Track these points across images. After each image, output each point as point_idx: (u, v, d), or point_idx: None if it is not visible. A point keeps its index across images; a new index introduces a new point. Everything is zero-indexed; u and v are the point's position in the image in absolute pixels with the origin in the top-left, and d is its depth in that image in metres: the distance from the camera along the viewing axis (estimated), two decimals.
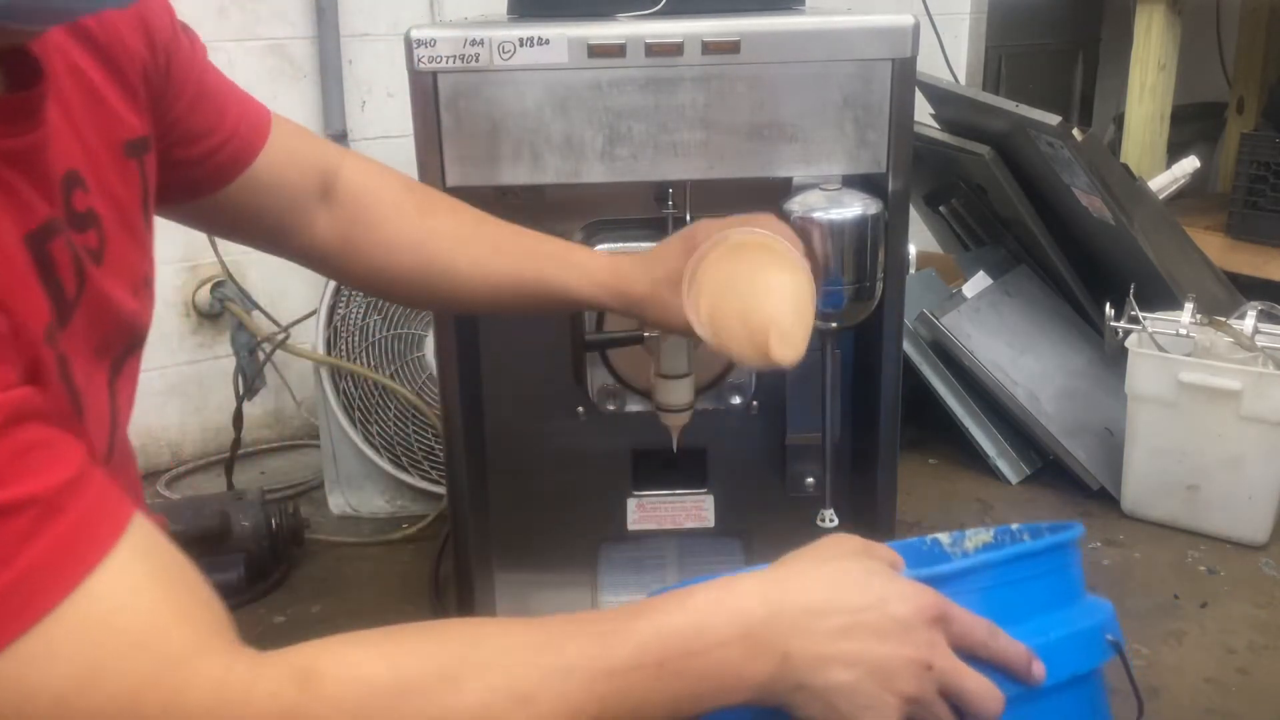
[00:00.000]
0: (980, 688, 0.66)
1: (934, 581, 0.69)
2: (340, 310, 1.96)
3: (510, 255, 1.04)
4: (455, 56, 1.20)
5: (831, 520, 1.30)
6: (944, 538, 0.90)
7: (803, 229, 1.17)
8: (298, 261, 1.06)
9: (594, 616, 0.63)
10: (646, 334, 1.19)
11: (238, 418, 2.05)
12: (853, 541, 0.73)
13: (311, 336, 1.99)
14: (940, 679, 0.65)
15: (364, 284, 1.11)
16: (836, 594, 0.65)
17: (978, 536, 0.88)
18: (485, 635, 0.61)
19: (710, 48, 1.21)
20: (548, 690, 0.58)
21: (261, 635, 1.67)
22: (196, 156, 0.88)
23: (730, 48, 1.21)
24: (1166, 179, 2.31)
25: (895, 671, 0.64)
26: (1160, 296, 1.99)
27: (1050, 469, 2.13)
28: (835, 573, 0.67)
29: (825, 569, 0.68)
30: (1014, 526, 0.86)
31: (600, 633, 0.61)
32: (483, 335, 1.38)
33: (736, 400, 1.29)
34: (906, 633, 0.64)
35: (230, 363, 2.15)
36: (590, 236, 1.26)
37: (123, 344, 0.77)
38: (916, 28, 1.24)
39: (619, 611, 0.64)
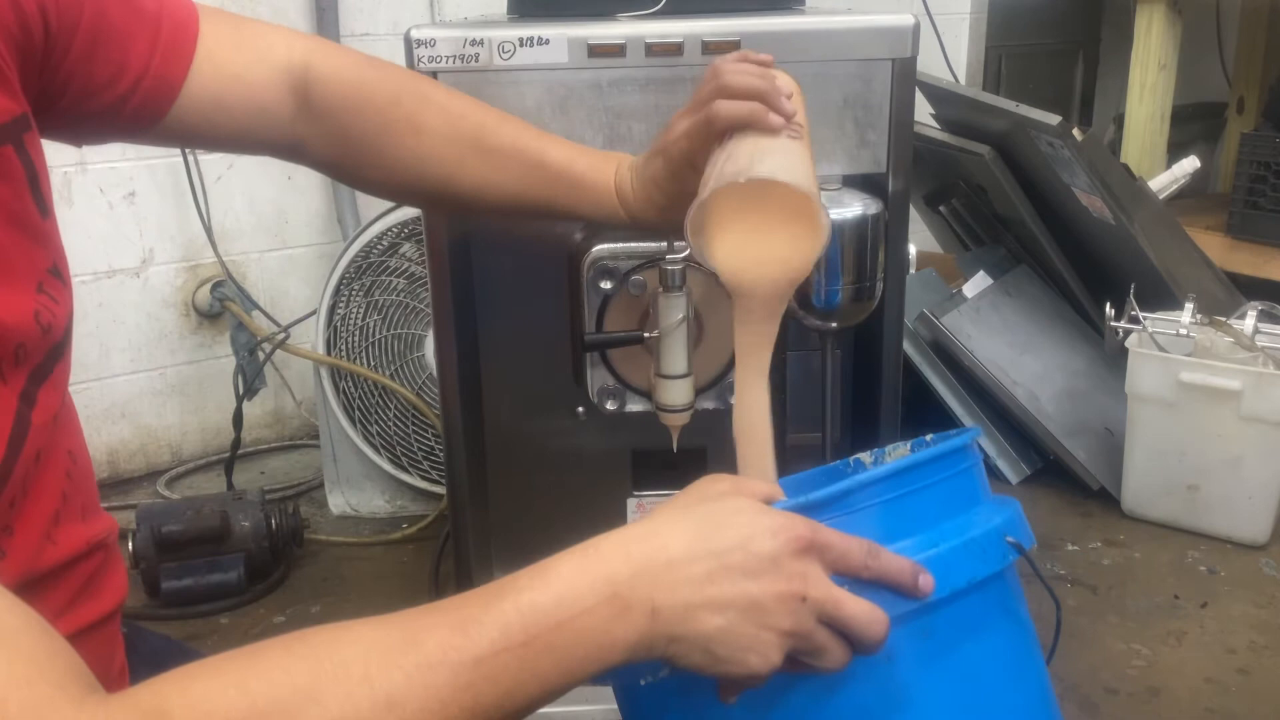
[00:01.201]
0: (860, 611, 0.64)
1: (811, 509, 0.68)
2: (340, 310, 1.96)
3: (515, 177, 0.96)
4: (455, 56, 1.20)
5: None
6: (866, 456, 0.90)
7: None
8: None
9: (456, 603, 0.60)
10: (646, 334, 1.19)
11: (238, 418, 2.05)
12: (723, 482, 0.70)
13: (311, 336, 2.00)
14: (817, 609, 0.63)
15: (368, 192, 1.06)
16: (699, 539, 0.63)
17: (896, 450, 0.88)
18: (342, 641, 0.58)
19: (710, 48, 1.21)
20: (414, 690, 0.56)
21: (261, 635, 1.67)
22: (111, 103, 0.81)
23: (730, 48, 1.21)
24: (1166, 179, 2.32)
25: (768, 608, 0.62)
26: (1160, 296, 1.99)
27: (1050, 469, 2.13)
28: (699, 517, 0.65)
29: (689, 515, 0.65)
30: (928, 437, 0.86)
31: (461, 621, 0.59)
32: (482, 335, 1.38)
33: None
34: (775, 567, 0.63)
35: (230, 363, 2.15)
36: (590, 236, 1.26)
37: (40, 352, 0.71)
38: (916, 28, 1.24)
39: (482, 593, 0.61)
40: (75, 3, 0.75)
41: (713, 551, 0.63)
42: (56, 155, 2.04)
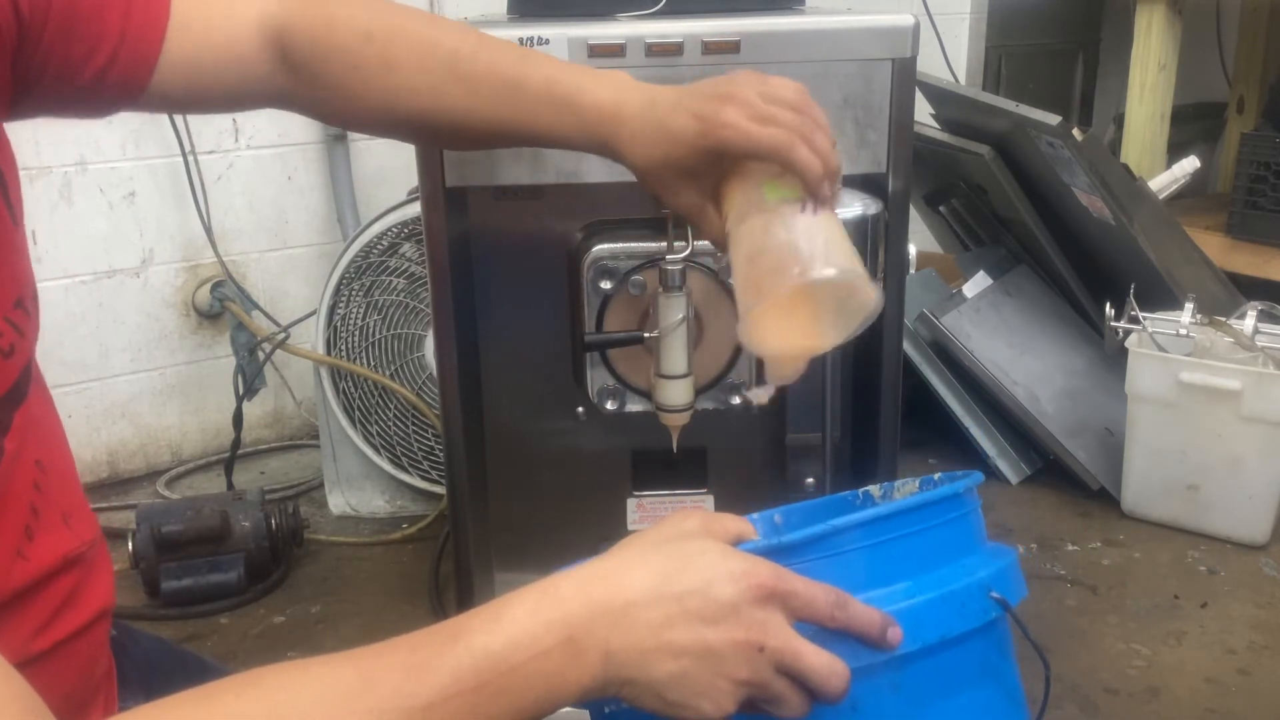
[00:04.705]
0: (820, 664, 0.62)
1: (783, 551, 0.66)
2: (340, 310, 1.96)
3: (493, 102, 0.91)
4: None
5: None
6: (875, 490, 0.87)
7: None
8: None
9: (410, 644, 0.60)
10: (646, 334, 1.19)
11: (238, 418, 2.05)
12: (692, 519, 0.69)
13: (311, 336, 1.99)
14: (775, 658, 0.62)
15: (358, 131, 1.03)
16: (659, 582, 0.62)
17: (906, 487, 0.85)
18: (295, 685, 0.57)
19: (710, 48, 1.21)
20: None
21: (261, 635, 1.67)
22: (91, 77, 0.79)
23: (730, 48, 1.21)
24: (1166, 179, 2.31)
25: (724, 656, 0.61)
26: (1160, 296, 1.99)
27: (1050, 469, 2.13)
28: (662, 558, 0.64)
29: (651, 556, 0.64)
30: (936, 476, 0.83)
31: (414, 664, 0.58)
32: (482, 335, 1.38)
33: (736, 400, 1.29)
34: (735, 614, 0.61)
35: (230, 363, 2.15)
36: (590, 236, 1.26)
37: (10, 375, 0.69)
38: (916, 28, 1.24)
39: (437, 633, 0.60)
40: None
41: (671, 595, 0.61)
42: (56, 155, 2.04)
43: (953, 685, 0.70)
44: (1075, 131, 1.89)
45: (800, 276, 0.79)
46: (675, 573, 0.62)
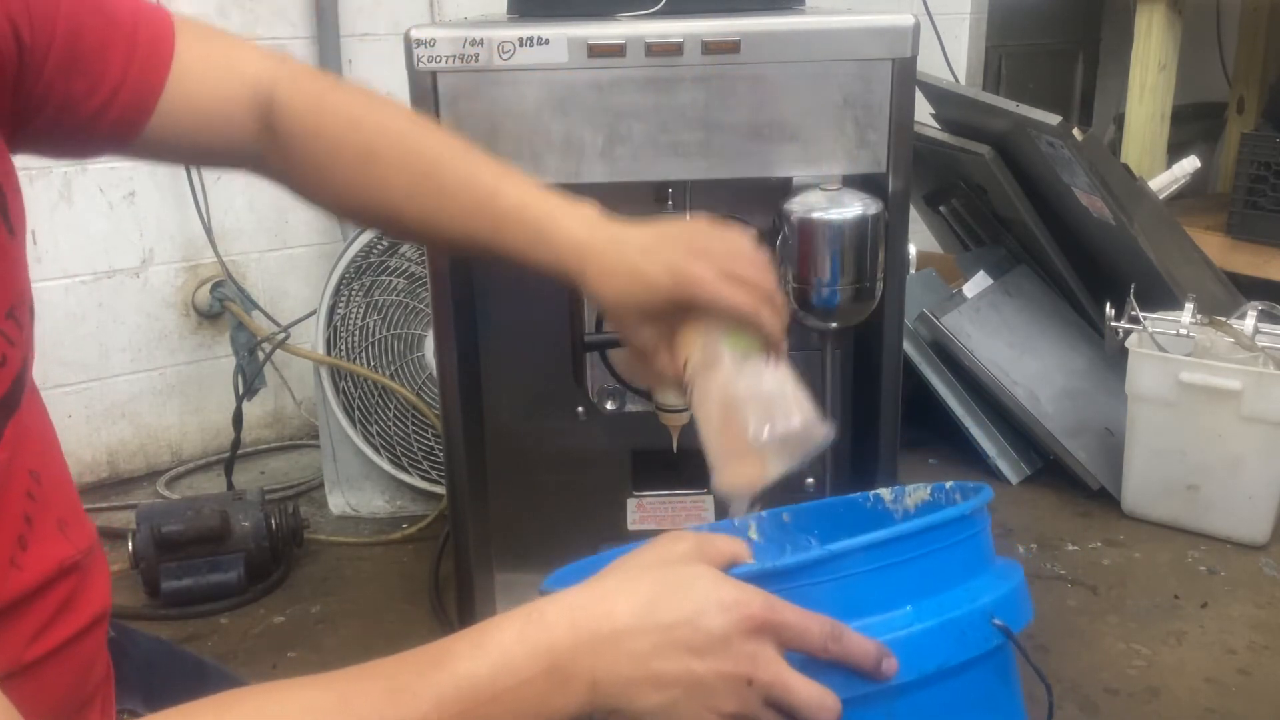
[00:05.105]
0: (810, 697, 0.61)
1: (777, 576, 0.64)
2: (340, 310, 1.96)
3: (463, 213, 0.91)
4: (455, 56, 1.20)
5: None
6: (886, 493, 0.87)
7: (803, 229, 1.17)
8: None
9: (391, 669, 0.59)
10: None
11: (237, 418, 2.05)
12: (684, 543, 0.67)
13: (311, 336, 2.00)
14: (764, 691, 0.61)
15: (324, 211, 1.03)
16: (648, 611, 0.61)
17: (917, 493, 0.85)
18: (272, 708, 0.57)
19: (710, 48, 1.21)
20: None
21: (261, 635, 1.67)
22: (89, 116, 0.79)
23: (730, 48, 1.21)
24: (1166, 179, 2.32)
25: (712, 689, 0.60)
26: (1160, 296, 1.99)
27: (1050, 469, 2.13)
28: (650, 586, 0.62)
29: (641, 582, 0.63)
30: (948, 485, 0.82)
31: (395, 689, 0.58)
32: (482, 335, 1.38)
33: None
34: (724, 646, 0.60)
35: (230, 363, 2.15)
36: None
37: (3, 384, 0.69)
38: (916, 28, 1.24)
39: (419, 657, 0.60)
40: (49, 16, 0.74)
41: (660, 625, 0.61)
42: None
43: (951, 715, 0.69)
44: (1075, 131, 1.89)
45: (775, 430, 0.87)
46: (664, 601, 0.62)
